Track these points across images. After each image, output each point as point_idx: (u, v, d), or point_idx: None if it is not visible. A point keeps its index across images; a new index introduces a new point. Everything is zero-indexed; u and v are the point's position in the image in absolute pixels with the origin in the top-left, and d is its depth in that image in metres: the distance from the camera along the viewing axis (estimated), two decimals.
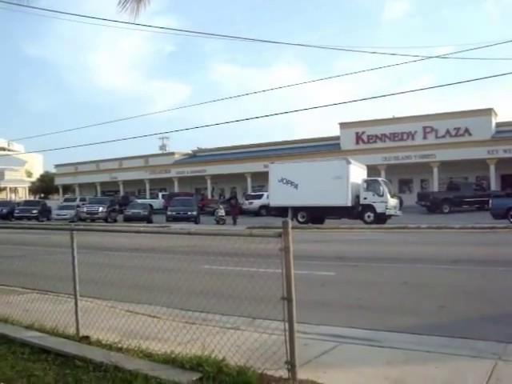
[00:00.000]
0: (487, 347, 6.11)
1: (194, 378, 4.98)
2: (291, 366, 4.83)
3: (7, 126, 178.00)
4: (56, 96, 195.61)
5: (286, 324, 4.80)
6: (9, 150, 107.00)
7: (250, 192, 56.35)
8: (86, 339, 6.63)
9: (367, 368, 5.53)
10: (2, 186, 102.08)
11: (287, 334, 4.81)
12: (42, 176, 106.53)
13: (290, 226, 4.68)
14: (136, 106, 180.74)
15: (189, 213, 39.23)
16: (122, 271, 11.18)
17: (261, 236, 5.09)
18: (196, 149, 74.54)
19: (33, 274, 11.92)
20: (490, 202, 29.98)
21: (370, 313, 8.41)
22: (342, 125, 56.79)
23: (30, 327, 7.31)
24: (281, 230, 4.77)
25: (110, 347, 6.25)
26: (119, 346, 6.31)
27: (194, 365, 5.30)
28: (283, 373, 4.94)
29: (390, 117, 55.79)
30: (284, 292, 4.73)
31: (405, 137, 52.85)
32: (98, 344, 6.45)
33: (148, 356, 5.82)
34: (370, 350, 6.28)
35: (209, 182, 64.65)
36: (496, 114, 51.84)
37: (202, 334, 6.64)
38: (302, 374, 4.96)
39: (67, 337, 6.77)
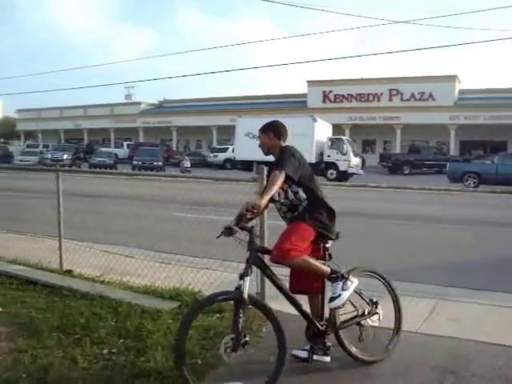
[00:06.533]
0: (431, 289, 6.94)
1: (174, 306, 5.61)
2: (262, 296, 5.49)
3: None
4: (15, 38, 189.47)
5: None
6: None
7: (215, 145, 56.60)
8: (69, 273, 7.17)
9: None
10: None
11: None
12: (2, 120, 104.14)
13: (265, 172, 5.25)
14: (99, 53, 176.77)
15: (154, 163, 39.47)
16: (95, 216, 11.65)
17: (237, 181, 5.67)
18: (162, 99, 74.07)
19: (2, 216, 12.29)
20: (448, 165, 31.02)
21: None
22: (310, 83, 57.20)
23: (13, 262, 7.79)
24: (256, 176, 5.39)
25: (92, 280, 6.82)
26: (101, 279, 6.87)
27: (173, 295, 5.94)
28: None
29: (358, 77, 56.38)
30: (257, 231, 5.34)
31: (371, 98, 53.65)
32: (81, 277, 7.00)
33: (129, 288, 6.41)
34: None
35: (174, 133, 64.58)
36: (459, 81, 52.89)
37: (178, 272, 7.21)
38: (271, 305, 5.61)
39: (51, 271, 7.28)
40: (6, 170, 26.31)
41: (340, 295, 4.20)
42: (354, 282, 4.29)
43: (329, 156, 34.36)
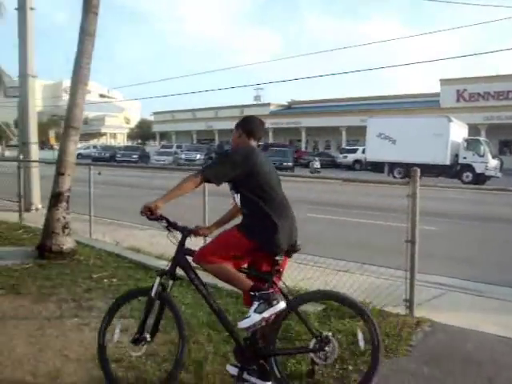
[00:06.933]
0: None
1: (320, 309, 5.56)
2: (410, 303, 5.32)
3: (107, 74, 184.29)
4: (150, 46, 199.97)
5: (408, 264, 5.28)
6: (108, 97, 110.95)
7: (344, 146, 56.23)
8: None
9: (476, 313, 5.91)
10: (103, 131, 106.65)
11: (408, 274, 5.29)
12: (139, 123, 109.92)
13: (418, 175, 5.10)
14: (229, 56, 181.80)
15: (284, 163, 39.75)
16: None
17: (389, 184, 5.54)
18: (290, 101, 74.62)
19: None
20: None
21: (472, 266, 8.68)
22: (443, 81, 55.04)
23: (159, 257, 8.14)
24: (407, 179, 5.24)
25: None
26: None
27: None
28: (400, 310, 5.44)
29: (494, 74, 53.48)
30: (408, 235, 5.20)
31: (510, 95, 50.64)
32: None
33: None
34: (476, 298, 6.64)
35: (303, 134, 64.80)
36: None
37: (316, 273, 7.20)
38: (416, 313, 5.43)
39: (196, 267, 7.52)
40: (147, 170, 27.73)
41: (249, 316, 3.74)
42: (274, 307, 3.67)
43: (464, 158, 32.96)
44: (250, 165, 3.77)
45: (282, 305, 3.68)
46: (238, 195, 3.86)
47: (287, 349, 4.07)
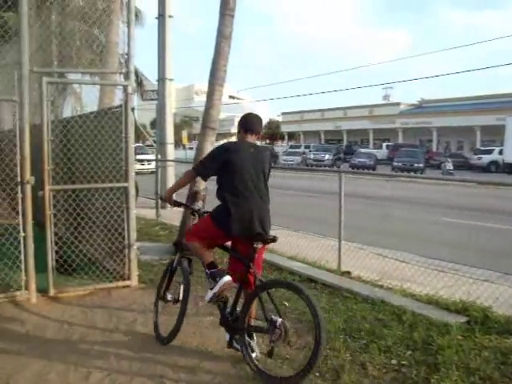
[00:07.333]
0: None
1: (462, 321, 5.23)
2: None
3: (235, 76, 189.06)
4: (275, 49, 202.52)
5: None
6: (237, 99, 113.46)
7: (478, 146, 53.46)
8: (347, 274, 7.19)
9: None
10: (232, 131, 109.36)
11: None
12: (267, 123, 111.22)
13: None
14: (354, 56, 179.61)
15: (415, 164, 38.43)
16: (360, 216, 11.61)
17: None
18: (420, 100, 72.10)
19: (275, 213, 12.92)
20: None
21: None
22: None
23: (292, 258, 8.09)
24: None
25: (371, 284, 6.72)
26: (379, 283, 6.75)
27: (460, 308, 5.53)
28: None
29: None
30: None
31: None
32: (359, 280, 6.96)
33: (410, 295, 6.16)
34: None
35: (434, 134, 62.38)
36: None
37: (457, 283, 6.83)
38: None
39: (329, 270, 7.36)
40: (277, 170, 27.91)
41: (207, 292, 4.47)
42: (219, 282, 4.31)
43: None
44: (225, 159, 4.32)
45: (225, 279, 4.32)
46: (217, 187, 4.45)
47: (248, 326, 4.39)
